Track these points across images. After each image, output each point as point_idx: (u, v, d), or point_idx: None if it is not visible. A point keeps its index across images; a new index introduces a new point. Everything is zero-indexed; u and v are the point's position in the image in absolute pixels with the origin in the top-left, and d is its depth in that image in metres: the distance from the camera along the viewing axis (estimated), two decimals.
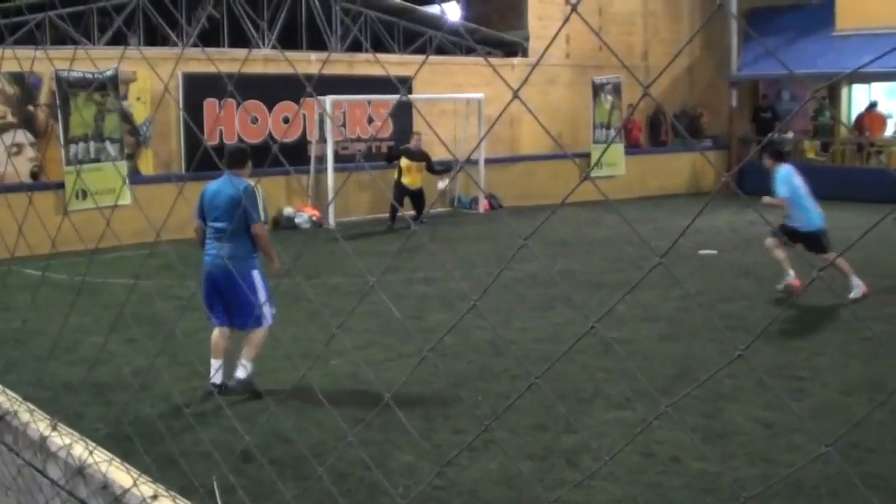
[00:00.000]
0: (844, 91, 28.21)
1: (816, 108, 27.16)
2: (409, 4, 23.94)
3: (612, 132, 23.53)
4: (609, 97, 23.73)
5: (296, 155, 19.84)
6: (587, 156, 22.86)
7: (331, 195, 19.31)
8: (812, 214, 12.23)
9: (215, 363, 8.35)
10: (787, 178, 12.22)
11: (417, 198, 19.04)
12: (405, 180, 18.78)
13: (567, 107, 24.13)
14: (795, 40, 25.48)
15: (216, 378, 8.33)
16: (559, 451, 7.05)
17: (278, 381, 8.81)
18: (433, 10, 25.19)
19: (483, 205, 21.05)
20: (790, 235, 12.00)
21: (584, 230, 17.85)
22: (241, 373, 8.42)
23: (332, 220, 19.04)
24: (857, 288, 11.85)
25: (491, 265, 14.47)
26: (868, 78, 25.95)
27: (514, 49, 24.60)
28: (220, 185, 8.42)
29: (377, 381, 8.69)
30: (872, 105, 26.37)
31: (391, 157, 19.13)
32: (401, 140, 21.31)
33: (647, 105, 24.93)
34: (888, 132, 26.30)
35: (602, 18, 24.97)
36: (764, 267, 13.86)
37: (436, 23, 24.34)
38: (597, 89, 23.55)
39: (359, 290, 12.75)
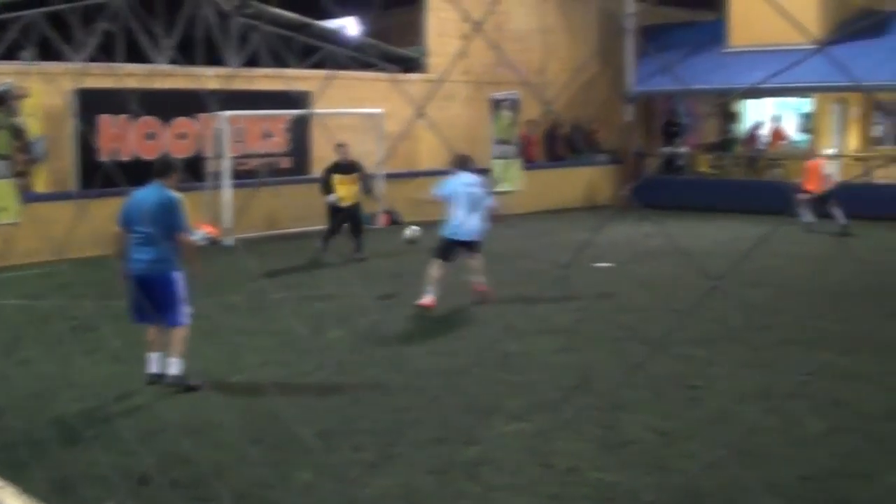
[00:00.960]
0: (738, 105, 28.92)
1: (726, 123, 27.90)
2: (307, 19, 23.82)
3: (509, 148, 23.70)
4: (507, 113, 23.90)
5: (192, 171, 19.59)
6: (486, 172, 22.98)
7: (227, 212, 19.09)
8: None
9: (151, 356, 9.02)
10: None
11: (354, 218, 16.91)
12: (340, 195, 16.80)
13: (465, 123, 24.24)
14: (689, 56, 26.00)
15: (154, 368, 9.02)
16: (459, 464, 7.06)
17: (177, 401, 8.67)
18: (332, 24, 25.12)
19: (382, 220, 21.01)
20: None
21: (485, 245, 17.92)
22: (173, 369, 8.94)
23: (229, 237, 18.81)
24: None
25: (390, 281, 14.44)
26: (761, 93, 26.59)
27: (412, 65, 24.64)
28: (148, 193, 8.97)
29: (275, 400, 8.61)
30: (775, 119, 27.05)
31: (325, 182, 16.83)
32: (299, 156, 21.19)
33: (544, 121, 25.17)
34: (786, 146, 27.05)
35: (499, 35, 25.15)
36: (659, 278, 14.09)
37: (334, 38, 24.26)
38: (495, 105, 23.70)
39: (258, 307, 12.62)
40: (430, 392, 8.59)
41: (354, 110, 21.41)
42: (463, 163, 13.21)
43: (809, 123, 27.19)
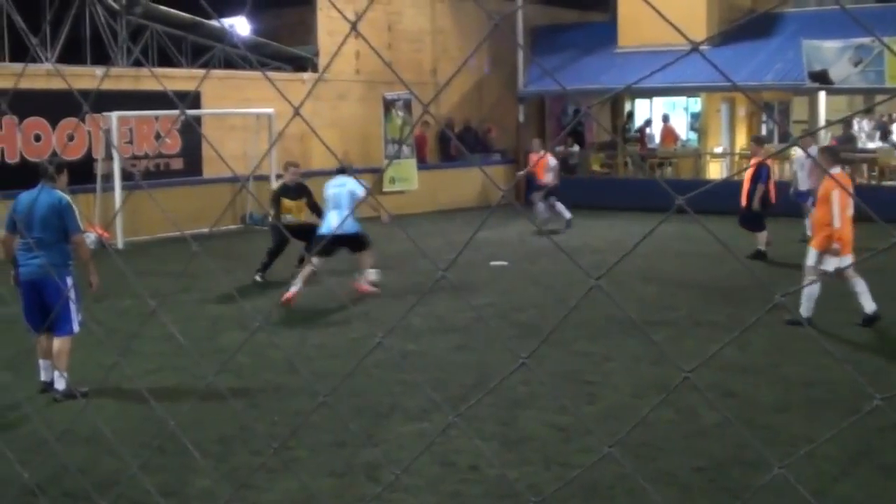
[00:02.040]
0: (627, 105, 29.41)
1: (617, 122, 28.35)
2: (197, 18, 23.53)
3: (404, 148, 23.75)
4: (400, 113, 23.94)
5: (82, 173, 19.20)
6: (379, 171, 23.00)
7: (118, 214, 18.77)
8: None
9: (42, 363, 8.93)
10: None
11: (307, 236, 14.68)
12: (290, 218, 15.22)
13: (358, 122, 24.20)
14: (580, 57, 26.37)
15: (45, 376, 8.93)
16: (359, 466, 7.06)
17: (71, 410, 8.50)
18: (222, 24, 24.86)
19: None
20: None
21: (380, 245, 17.91)
22: (60, 384, 8.85)
23: (119, 240, 18.50)
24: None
25: (285, 282, 14.33)
26: (648, 93, 27.08)
27: (303, 64, 24.52)
28: (35, 196, 8.69)
29: (170, 405, 8.51)
30: (665, 118, 27.54)
31: (276, 206, 15.21)
32: (190, 157, 20.91)
33: (438, 120, 25.25)
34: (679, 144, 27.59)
35: (391, 35, 25.18)
36: (552, 276, 14.25)
37: (225, 37, 24.01)
38: (388, 105, 23.71)
39: (151, 311, 12.41)
40: (331, 395, 8.56)
41: (244, 110, 21.24)
42: (340, 168, 14.58)
43: (698, 123, 27.78)
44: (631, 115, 29.20)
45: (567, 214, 20.69)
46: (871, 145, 26.00)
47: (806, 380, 9.13)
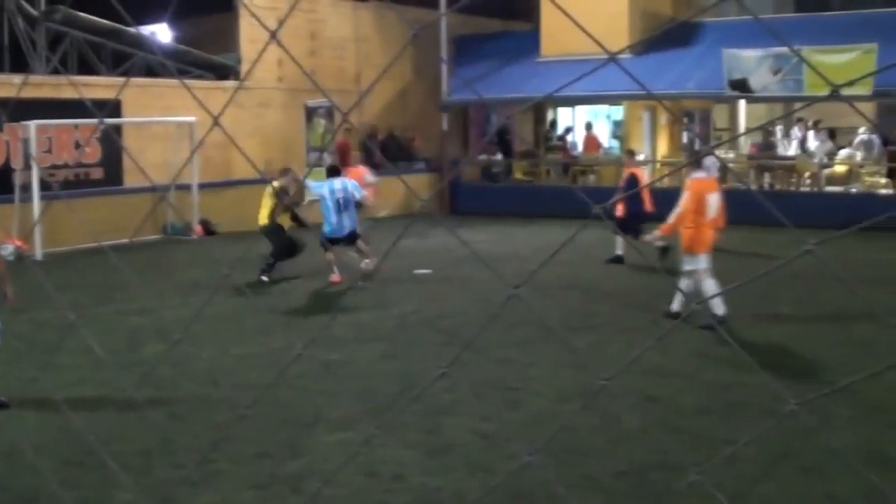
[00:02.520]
0: (550, 113, 29.60)
1: (540, 130, 28.54)
2: (117, 25, 23.22)
3: (325, 155, 23.66)
4: (322, 121, 23.86)
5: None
6: (301, 179, 22.91)
7: (37, 225, 18.43)
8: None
9: None
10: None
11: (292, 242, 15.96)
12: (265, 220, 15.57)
13: (281, 130, 24.07)
14: (503, 66, 26.51)
15: None
16: (282, 477, 7.00)
17: None
18: (143, 31, 24.57)
19: (196, 230, 20.65)
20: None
21: (304, 255, 17.82)
22: None
23: (38, 251, 18.17)
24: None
25: (206, 293, 14.20)
26: (571, 101, 27.30)
27: (226, 72, 24.32)
28: None
29: (91, 418, 8.37)
30: (588, 126, 27.72)
31: (277, 205, 15.53)
32: (110, 166, 20.63)
33: (361, 128, 25.20)
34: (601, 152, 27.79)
35: (315, 42, 25.09)
36: (477, 283, 14.28)
37: (145, 44, 23.73)
38: (310, 113, 23.62)
39: (71, 323, 12.22)
40: (252, 407, 8.49)
41: (166, 118, 21.00)
42: (333, 171, 15.73)
43: (620, 130, 28.05)
44: (554, 123, 29.39)
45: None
46: (790, 152, 26.45)
47: (726, 383, 9.25)
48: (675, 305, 12.08)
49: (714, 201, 11.84)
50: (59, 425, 8.14)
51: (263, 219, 15.46)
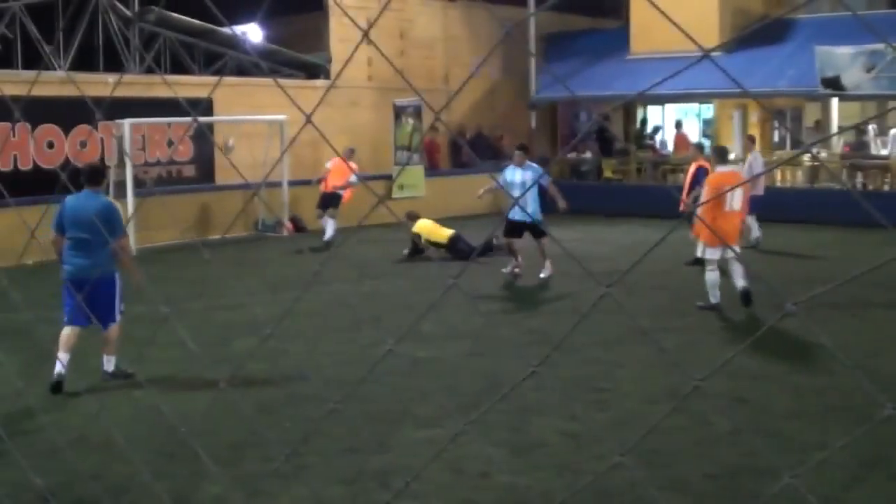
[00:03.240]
0: (640, 111, 29.36)
1: (631, 129, 28.32)
2: (209, 25, 23.59)
3: (413, 154, 23.76)
4: (410, 120, 23.96)
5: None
6: (389, 177, 23.06)
7: (130, 221, 18.78)
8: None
9: (64, 357, 9.22)
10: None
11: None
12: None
13: (370, 129, 24.25)
14: (592, 63, 26.36)
15: (61, 369, 9.18)
16: (370, 472, 7.05)
17: (83, 416, 8.52)
18: (235, 31, 24.91)
19: (287, 227, 20.89)
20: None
21: (390, 250, 17.94)
22: (108, 366, 9.61)
23: (132, 247, 18.51)
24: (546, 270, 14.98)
25: (297, 289, 14.35)
26: (661, 100, 27.05)
27: (316, 71, 24.57)
28: (82, 200, 9.32)
29: (182, 411, 8.51)
30: (678, 125, 27.40)
31: None
32: (202, 163, 20.97)
33: (450, 127, 25.24)
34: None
35: (403, 42, 25.23)
36: (566, 282, 14.23)
37: (236, 44, 24.07)
38: (398, 112, 23.75)
39: (164, 317, 12.43)
40: (342, 401, 8.56)
41: (257, 117, 21.26)
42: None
43: (711, 129, 27.73)
44: (644, 121, 29.10)
45: (330, 232, 19.26)
46: (884, 152, 25.89)
47: (818, 387, 9.10)
48: (713, 299, 12.60)
49: (736, 195, 12.36)
50: (152, 417, 8.30)
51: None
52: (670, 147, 27.81)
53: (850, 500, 6.55)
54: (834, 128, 27.70)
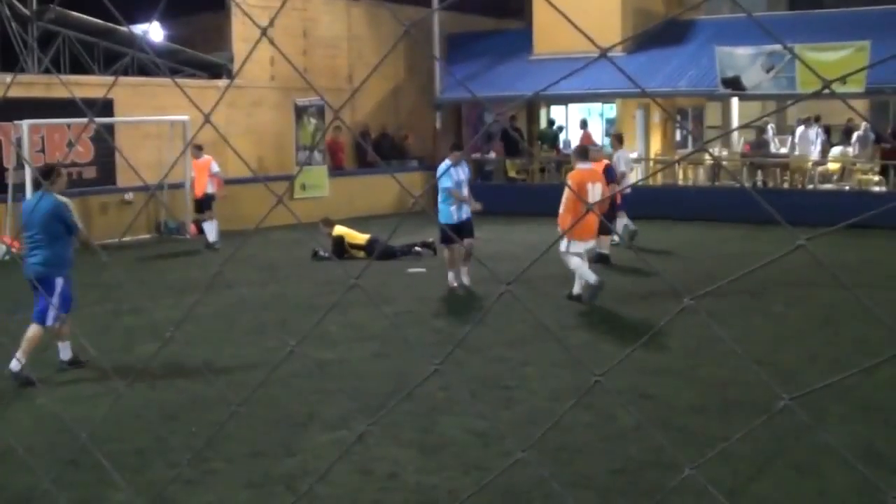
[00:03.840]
0: (544, 111, 29.60)
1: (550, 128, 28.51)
2: (109, 24, 23.18)
3: (316, 154, 23.64)
4: (312, 119, 23.83)
5: None
6: (291, 178, 22.90)
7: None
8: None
9: (60, 345, 10.10)
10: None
11: None
12: None
13: (273, 129, 24.05)
14: (495, 64, 26.53)
15: (63, 355, 10.06)
16: (277, 476, 7.00)
17: None
18: (135, 30, 24.52)
19: (191, 230, 20.62)
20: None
21: (293, 252, 17.85)
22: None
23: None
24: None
25: (201, 291, 14.19)
26: (564, 99, 27.30)
27: (218, 71, 24.31)
28: (34, 201, 9.98)
29: (85, 418, 8.36)
30: (583, 124, 27.49)
31: None
32: (103, 165, 20.61)
33: (353, 127, 25.18)
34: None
35: (307, 41, 25.08)
36: (471, 282, 14.28)
37: (138, 43, 23.69)
38: (300, 111, 23.58)
39: (66, 322, 12.17)
40: (245, 404, 8.49)
41: (159, 117, 20.97)
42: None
43: (613, 128, 28.05)
44: (552, 122, 29.28)
45: (212, 237, 19.40)
46: (783, 150, 26.53)
47: (721, 381, 9.26)
48: (576, 288, 13.12)
49: (597, 190, 13.06)
50: (53, 425, 8.13)
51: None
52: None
53: (754, 492, 6.68)
54: (734, 125, 28.26)
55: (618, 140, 19.38)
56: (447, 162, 14.64)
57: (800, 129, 25.36)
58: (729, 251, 17.81)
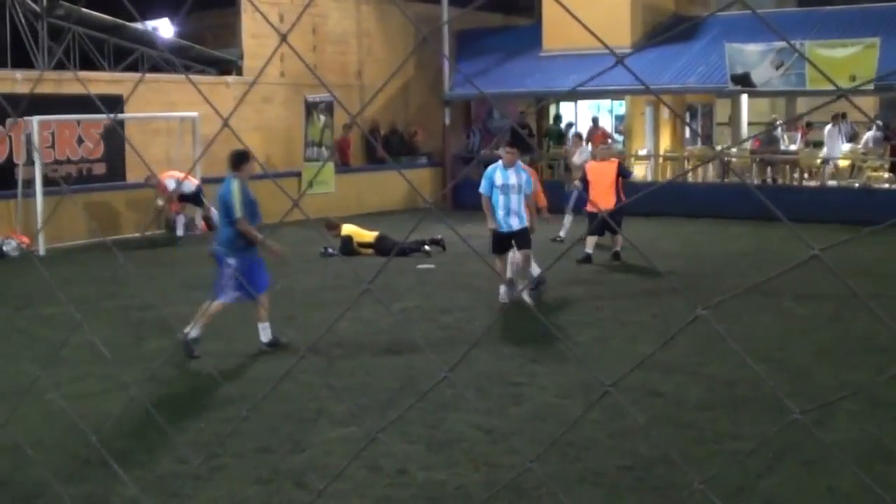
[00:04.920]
0: (552, 108, 29.54)
1: (557, 124, 28.44)
2: (119, 21, 23.22)
3: (324, 151, 23.63)
4: (322, 116, 23.81)
5: (2, 179, 18.88)
6: (300, 175, 22.87)
7: (40, 220, 18.44)
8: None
9: (259, 325, 10.71)
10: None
11: None
12: None
13: (282, 125, 24.07)
14: (505, 61, 26.51)
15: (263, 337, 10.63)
16: (286, 472, 7.02)
17: None
18: (145, 26, 24.56)
19: (201, 226, 20.64)
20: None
21: (302, 248, 17.85)
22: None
23: (41, 247, 18.16)
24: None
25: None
26: (573, 96, 27.26)
27: (228, 67, 24.34)
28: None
29: (95, 414, 8.38)
30: (594, 121, 27.38)
31: None
32: (113, 161, 20.65)
33: (363, 123, 25.20)
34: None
35: (316, 37, 25.08)
36: (480, 278, 14.28)
37: (148, 40, 23.74)
38: (310, 108, 23.56)
39: (73, 319, 12.22)
40: (254, 401, 8.50)
41: (168, 114, 21.01)
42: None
43: (623, 125, 28.02)
44: (559, 117, 29.23)
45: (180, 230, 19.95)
46: (793, 147, 26.48)
47: (729, 378, 9.25)
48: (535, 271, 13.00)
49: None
50: (64, 420, 8.15)
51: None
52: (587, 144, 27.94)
53: (763, 489, 6.67)
54: (744, 124, 28.20)
55: (579, 138, 20.46)
56: (499, 163, 12.83)
57: (828, 128, 25.25)
58: (738, 248, 17.80)
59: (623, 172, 16.20)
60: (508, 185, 12.53)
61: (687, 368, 9.62)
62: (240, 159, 10.55)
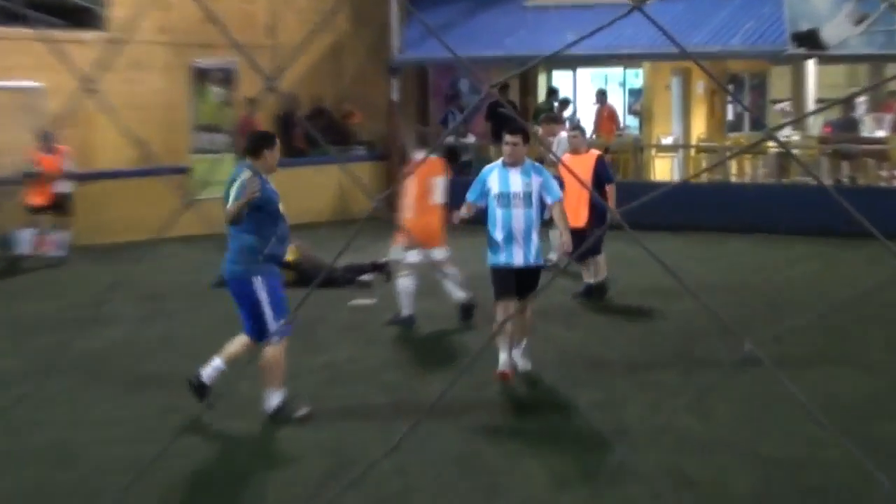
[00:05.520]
0: (542, 78, 29.46)
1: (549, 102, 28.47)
2: None
3: (222, 137, 23.42)
4: (216, 88, 23.47)
5: None
6: (185, 171, 22.40)
7: None
8: None
9: None
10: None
11: None
12: None
13: (161, 101, 23.70)
14: (477, 13, 26.37)
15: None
16: None
17: None
18: None
19: (38, 243, 20.34)
20: None
21: (190, 277, 17.69)
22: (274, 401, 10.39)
23: None
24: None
25: (58, 332, 14.06)
26: (570, 62, 27.24)
27: (85, 20, 24.15)
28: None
29: None
30: (601, 96, 27.18)
31: None
32: None
33: (276, 101, 25.00)
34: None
35: None
36: (434, 319, 14.22)
37: None
38: (200, 77, 23.18)
39: None
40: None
41: (4, 83, 20.82)
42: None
43: (640, 103, 28.00)
44: (554, 91, 29.12)
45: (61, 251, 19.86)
46: (879, 133, 26.08)
47: (794, 460, 9.18)
48: (406, 311, 14.11)
49: (440, 185, 14.05)
50: None
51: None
52: (589, 125, 27.85)
53: None
54: (810, 101, 28.13)
55: (555, 122, 19.26)
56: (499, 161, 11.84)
57: None
58: (803, 274, 17.81)
59: (603, 171, 15.63)
60: (510, 193, 11.35)
61: (733, 446, 9.56)
62: (259, 143, 10.84)
